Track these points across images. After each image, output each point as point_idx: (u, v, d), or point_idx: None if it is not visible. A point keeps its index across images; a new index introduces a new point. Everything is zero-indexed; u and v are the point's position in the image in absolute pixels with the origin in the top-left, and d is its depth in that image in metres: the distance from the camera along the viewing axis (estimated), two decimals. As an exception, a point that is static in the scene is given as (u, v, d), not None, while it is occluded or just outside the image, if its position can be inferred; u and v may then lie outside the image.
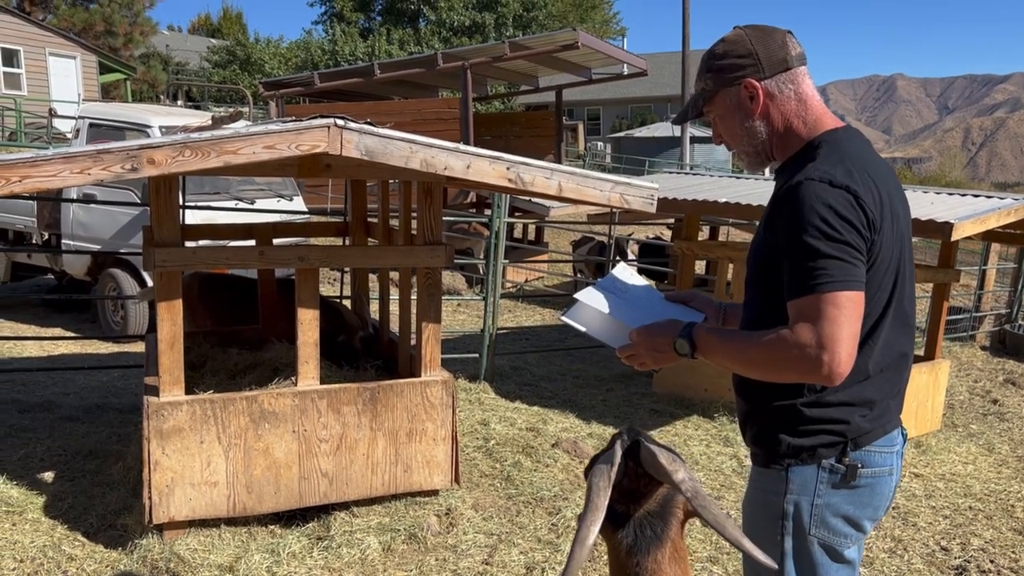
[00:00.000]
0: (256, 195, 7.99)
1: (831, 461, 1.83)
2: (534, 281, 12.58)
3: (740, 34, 1.90)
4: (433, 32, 30.75)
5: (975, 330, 9.53)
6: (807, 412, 1.83)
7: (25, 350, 7.24)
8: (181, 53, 35.01)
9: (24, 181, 2.79)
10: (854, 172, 1.74)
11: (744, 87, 1.86)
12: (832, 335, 1.64)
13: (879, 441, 1.86)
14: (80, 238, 7.86)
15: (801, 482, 1.85)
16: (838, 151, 1.80)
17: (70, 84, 21.72)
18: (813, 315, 1.66)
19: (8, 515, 3.78)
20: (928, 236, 5.07)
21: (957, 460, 5.34)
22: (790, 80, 1.86)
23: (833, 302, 1.65)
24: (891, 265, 1.80)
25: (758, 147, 1.92)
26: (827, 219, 1.67)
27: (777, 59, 1.85)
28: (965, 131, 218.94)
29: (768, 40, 1.87)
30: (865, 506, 1.88)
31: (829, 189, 1.69)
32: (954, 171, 65.70)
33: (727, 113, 1.93)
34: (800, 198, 1.71)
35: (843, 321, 1.65)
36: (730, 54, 1.88)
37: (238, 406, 3.69)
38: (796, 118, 1.87)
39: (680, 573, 1.50)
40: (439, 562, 3.60)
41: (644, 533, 1.48)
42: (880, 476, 1.88)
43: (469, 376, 6.37)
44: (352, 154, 3.19)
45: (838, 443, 1.83)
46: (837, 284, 1.66)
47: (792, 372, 1.71)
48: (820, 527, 1.86)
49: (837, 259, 1.66)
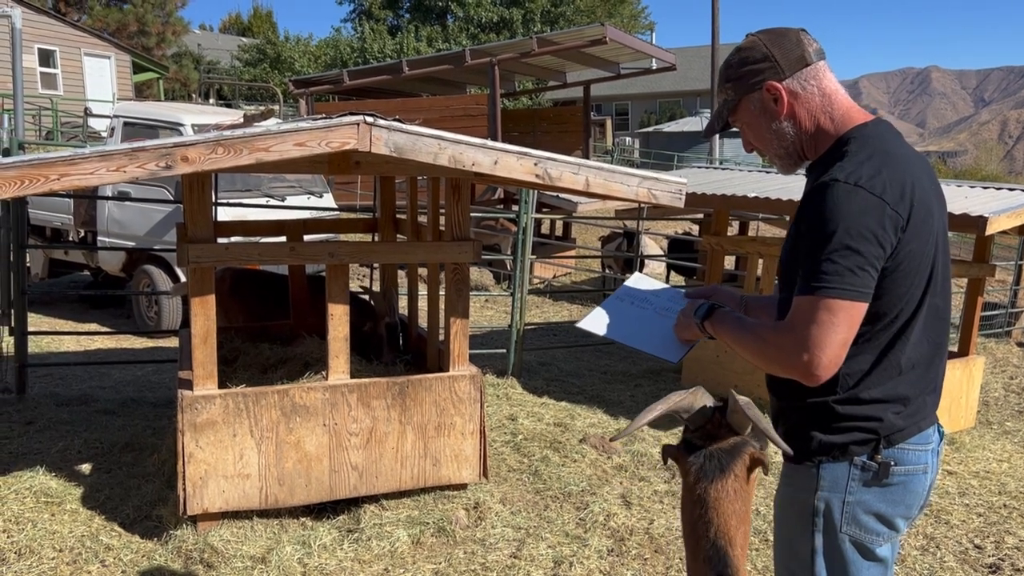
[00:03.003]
0: (287, 192, 8.08)
1: (863, 459, 1.82)
2: (562, 277, 12.58)
3: (754, 40, 1.90)
4: (461, 29, 30.78)
5: (1011, 326, 9.37)
6: (839, 409, 1.82)
7: (62, 344, 7.40)
8: (212, 52, 35.41)
9: (63, 179, 2.85)
10: (883, 170, 1.72)
11: (766, 90, 1.87)
12: (818, 339, 1.68)
13: (914, 439, 1.85)
14: (115, 235, 8.00)
15: (832, 479, 1.84)
16: (867, 147, 1.78)
17: (104, 83, 22.08)
18: (807, 316, 1.70)
19: (47, 505, 3.87)
20: (963, 230, 5.00)
21: (991, 457, 5.26)
22: (811, 76, 1.86)
23: (828, 307, 1.68)
24: (924, 261, 1.78)
25: (789, 148, 1.92)
26: (845, 226, 1.68)
27: (794, 57, 1.85)
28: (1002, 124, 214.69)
29: (782, 41, 1.87)
30: (898, 504, 1.86)
31: (854, 191, 1.69)
32: (990, 164, 64.47)
33: (753, 119, 1.93)
34: (824, 200, 1.71)
35: (832, 327, 1.67)
36: (747, 61, 1.89)
37: (270, 400, 3.74)
38: (823, 114, 1.87)
39: (741, 511, 1.63)
40: (467, 555, 3.63)
41: (711, 463, 1.64)
42: (914, 474, 1.86)
43: (497, 371, 6.39)
44: (381, 151, 3.22)
45: (870, 440, 1.82)
46: (837, 291, 1.67)
47: (776, 365, 1.77)
48: (851, 524, 1.85)
49: (844, 266, 1.67)
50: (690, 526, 1.66)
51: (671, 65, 14.64)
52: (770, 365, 1.80)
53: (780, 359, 1.75)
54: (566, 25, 29.58)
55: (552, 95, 28.46)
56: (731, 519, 1.60)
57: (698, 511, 1.62)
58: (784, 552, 1.99)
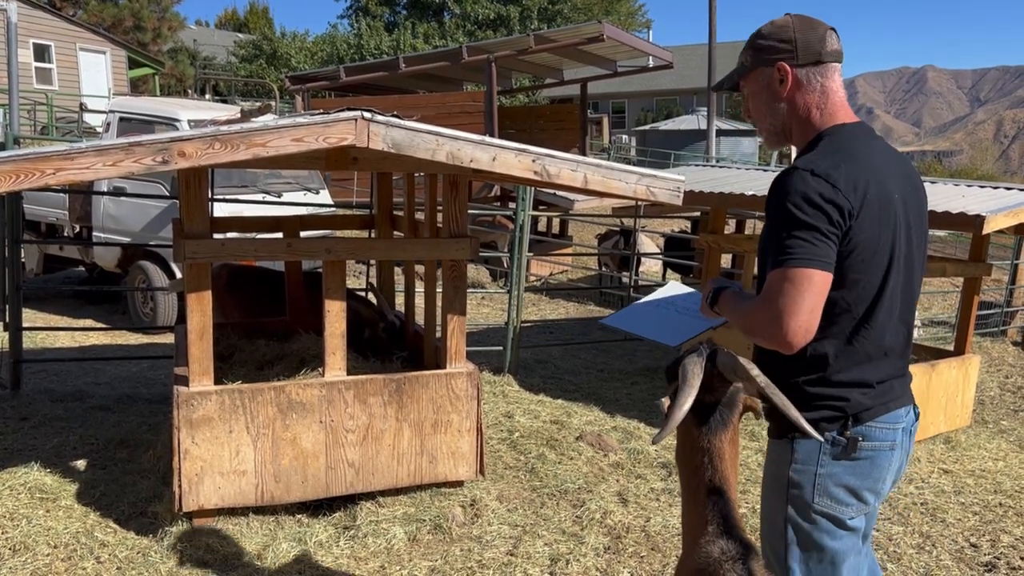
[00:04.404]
0: (283, 188, 8.06)
1: (833, 434, 1.98)
2: (558, 274, 12.57)
3: (788, 20, 2.04)
4: (458, 25, 30.73)
5: (1006, 325, 9.39)
6: (809, 390, 1.99)
7: (57, 340, 7.37)
8: (208, 48, 35.30)
9: (58, 173, 2.84)
10: (841, 165, 1.88)
11: (777, 69, 2.02)
12: (788, 307, 1.81)
13: (882, 418, 2.00)
14: (111, 230, 7.97)
15: (806, 453, 2.00)
16: (835, 144, 1.96)
17: (100, 79, 22.00)
18: (776, 288, 1.84)
19: (42, 502, 3.86)
20: (959, 229, 5.00)
21: (987, 456, 5.27)
22: (819, 73, 2.01)
23: (792, 277, 1.82)
24: (879, 253, 1.92)
25: (778, 127, 2.09)
26: (799, 205, 1.84)
27: (812, 51, 2.00)
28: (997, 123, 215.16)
29: (811, 32, 2.01)
30: (866, 478, 2.00)
31: (809, 178, 1.86)
32: (986, 164, 64.56)
33: (759, 90, 2.09)
34: (782, 185, 1.90)
35: (799, 295, 1.81)
36: (773, 36, 2.03)
37: (266, 396, 3.73)
38: (816, 108, 2.03)
39: (733, 454, 1.82)
40: (464, 552, 3.62)
41: (716, 418, 1.79)
42: (881, 450, 2.00)
43: (494, 369, 6.38)
44: (379, 147, 3.21)
45: (839, 417, 1.98)
46: (798, 261, 1.82)
47: (757, 336, 1.90)
48: (823, 496, 1.99)
49: (803, 240, 1.83)
50: (691, 472, 1.81)
51: (668, 63, 14.61)
52: (754, 336, 1.92)
53: (759, 330, 1.88)
54: (563, 22, 29.55)
55: (549, 93, 28.43)
56: (727, 463, 1.78)
57: (700, 458, 1.78)
58: (766, 526, 2.12)
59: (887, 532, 4.08)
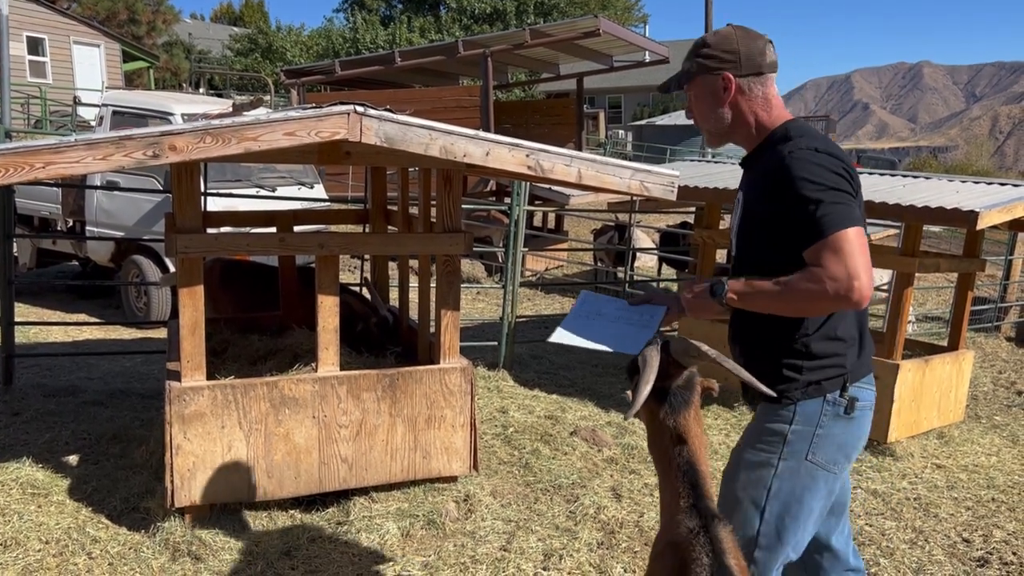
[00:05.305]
0: (277, 183, 8.03)
1: (835, 395, 2.13)
2: (554, 270, 12.56)
3: (731, 32, 2.20)
4: (454, 20, 30.68)
5: (1000, 321, 9.41)
6: (815, 347, 2.12)
7: (50, 335, 7.34)
8: (203, 41, 35.18)
9: (48, 167, 2.82)
10: (829, 144, 2.08)
11: (722, 78, 2.19)
12: (854, 266, 1.91)
13: (865, 379, 2.20)
14: (104, 225, 7.94)
15: (807, 414, 2.14)
16: (808, 132, 2.15)
17: (94, 72, 21.90)
18: (835, 252, 1.92)
19: (34, 497, 3.84)
20: (953, 225, 5.00)
21: (980, 451, 5.28)
22: (760, 83, 2.20)
23: (848, 239, 1.93)
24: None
25: (721, 130, 2.27)
26: (821, 175, 1.99)
27: (754, 63, 2.18)
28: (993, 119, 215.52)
29: (752, 44, 2.18)
30: (856, 437, 2.20)
31: (816, 154, 2.03)
32: (981, 160, 64.64)
33: (702, 95, 2.25)
34: (796, 164, 2.02)
35: (857, 252, 1.92)
36: (718, 47, 2.19)
37: (259, 392, 3.72)
38: (762, 111, 2.21)
39: (699, 432, 1.94)
40: (457, 548, 3.62)
41: (676, 399, 1.93)
42: (866, 410, 2.20)
43: (488, 364, 6.38)
44: (371, 141, 3.19)
45: (840, 375, 2.13)
46: (845, 223, 1.94)
47: (826, 302, 1.96)
48: (817, 454, 2.15)
49: (838, 204, 1.96)
50: (662, 453, 1.95)
51: (664, 58, 14.59)
52: (818, 306, 2.00)
53: (827, 296, 1.93)
54: (559, 17, 29.51)
55: (545, 87, 28.38)
56: (694, 440, 1.90)
57: (668, 439, 1.92)
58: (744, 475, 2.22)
59: (880, 527, 4.09)
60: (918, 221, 5.06)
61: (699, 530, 1.71)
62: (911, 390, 5.26)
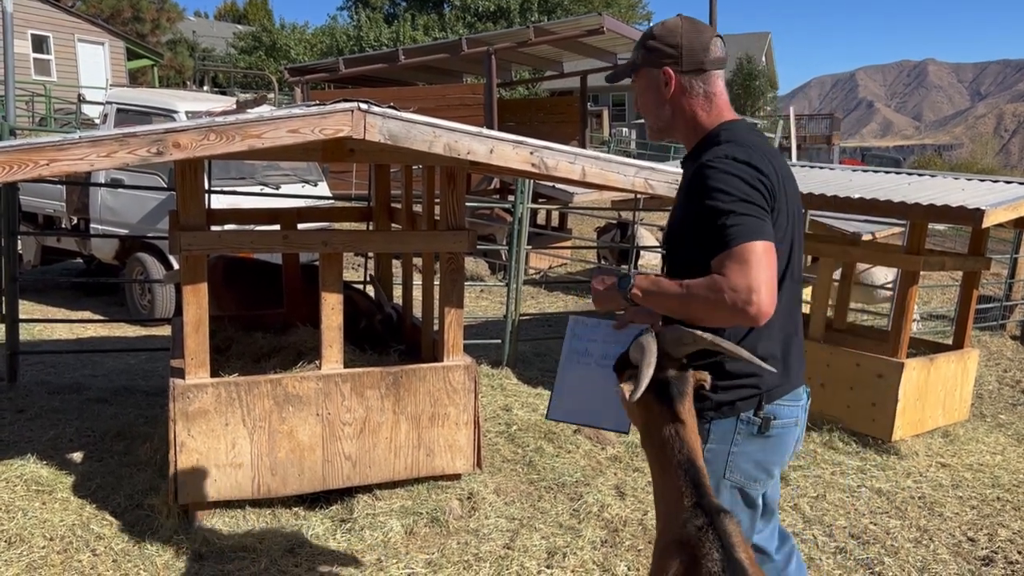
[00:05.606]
0: (281, 180, 8.03)
1: (748, 414, 2.10)
2: (557, 268, 12.55)
3: (677, 25, 2.15)
4: (458, 17, 30.64)
5: (1005, 319, 9.38)
6: (728, 367, 2.08)
7: (55, 332, 7.36)
8: (207, 39, 35.18)
9: (52, 164, 2.82)
10: (752, 153, 2.01)
11: (663, 72, 2.14)
12: (755, 280, 1.84)
13: (787, 396, 2.16)
14: (108, 222, 7.95)
15: (721, 433, 2.12)
16: (736, 137, 2.08)
17: (98, 70, 21.92)
18: (737, 264, 1.87)
19: (38, 494, 3.85)
20: (958, 223, 4.98)
21: (985, 450, 5.27)
22: (703, 80, 2.14)
23: (752, 251, 1.87)
24: (785, 237, 2.06)
25: (662, 125, 2.22)
26: (735, 186, 1.94)
27: (696, 60, 2.12)
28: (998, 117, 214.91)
29: (696, 39, 2.12)
30: (775, 453, 2.17)
31: (734, 164, 1.97)
32: (986, 158, 64.44)
33: (645, 88, 2.20)
34: (711, 173, 1.98)
35: (760, 267, 1.86)
36: (661, 40, 2.14)
37: (263, 389, 3.72)
38: (701, 110, 2.15)
39: (693, 424, 1.92)
40: (461, 546, 3.62)
41: (675, 389, 1.91)
42: (788, 427, 2.17)
43: (492, 362, 6.37)
44: (375, 138, 3.19)
45: (754, 395, 2.10)
46: (752, 236, 1.88)
47: (723, 312, 1.89)
48: (734, 472, 2.14)
49: (748, 216, 1.91)
50: (659, 448, 1.90)
51: (668, 55, 14.56)
52: (715, 316, 1.92)
53: (724, 306, 1.87)
54: (563, 15, 29.44)
55: (549, 85, 28.34)
56: (691, 432, 1.87)
57: (666, 432, 1.87)
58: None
59: (884, 526, 4.08)
60: (923, 219, 5.04)
61: (707, 526, 1.69)
62: (916, 388, 5.25)
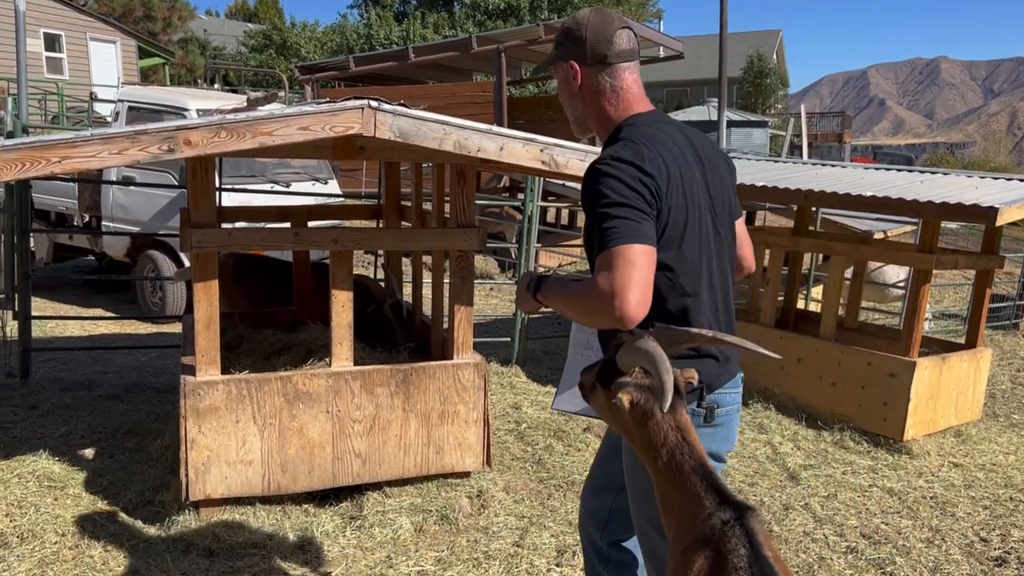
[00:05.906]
0: (292, 178, 8.06)
1: (692, 406, 2.06)
2: (567, 266, 12.54)
3: (584, 18, 2.12)
4: (468, 15, 30.63)
5: (1019, 318, 9.32)
6: None
7: (67, 329, 7.40)
8: (218, 38, 35.30)
9: (64, 161, 2.83)
10: (644, 150, 1.97)
11: (570, 66, 2.12)
12: (621, 283, 1.83)
13: (728, 383, 2.16)
14: (119, 220, 7.99)
15: None
16: (635, 133, 2.04)
17: (110, 68, 22.02)
18: (607, 267, 1.86)
19: (50, 490, 3.87)
20: (972, 221, 4.95)
21: (998, 450, 5.23)
22: (608, 74, 2.10)
23: (621, 255, 1.85)
24: (690, 230, 2.02)
25: (578, 119, 2.20)
26: (615, 188, 1.91)
27: (599, 53, 2.09)
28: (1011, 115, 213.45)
29: (600, 32, 2.09)
30: (724, 441, 2.19)
31: (614, 164, 1.94)
32: (999, 156, 63.95)
33: (561, 82, 2.18)
34: (593, 177, 1.96)
35: (630, 270, 1.84)
36: (570, 34, 2.12)
37: (273, 386, 3.73)
38: (609, 104, 2.12)
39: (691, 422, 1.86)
40: (470, 543, 3.62)
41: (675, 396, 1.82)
42: (732, 412, 2.18)
43: (501, 360, 6.37)
44: (386, 135, 3.19)
45: (696, 389, 2.04)
46: (625, 239, 1.86)
47: (596, 316, 1.92)
48: None
49: (624, 219, 1.88)
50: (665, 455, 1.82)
51: (679, 53, 14.54)
52: (591, 319, 1.97)
53: (596, 309, 1.88)
54: (573, 12, 29.39)
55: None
56: (694, 435, 1.81)
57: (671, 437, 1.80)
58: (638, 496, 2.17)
59: (896, 526, 4.06)
60: (936, 217, 5.01)
61: (734, 522, 1.65)
62: (928, 388, 5.22)
